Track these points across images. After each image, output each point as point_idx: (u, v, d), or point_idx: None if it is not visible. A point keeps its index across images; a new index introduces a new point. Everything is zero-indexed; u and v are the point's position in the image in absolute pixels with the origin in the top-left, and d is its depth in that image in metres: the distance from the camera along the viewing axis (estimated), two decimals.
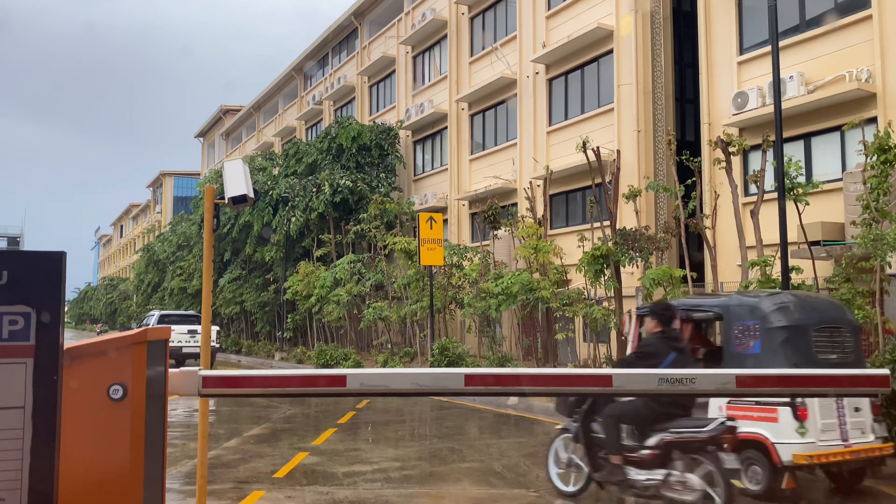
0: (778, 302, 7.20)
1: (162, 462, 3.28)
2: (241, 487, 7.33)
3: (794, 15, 15.33)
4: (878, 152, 10.29)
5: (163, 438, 3.31)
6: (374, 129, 28.57)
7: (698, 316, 7.74)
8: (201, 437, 4.70)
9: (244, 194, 4.48)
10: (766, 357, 6.88)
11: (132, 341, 3.24)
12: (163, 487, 3.33)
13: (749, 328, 7.05)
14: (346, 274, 24.23)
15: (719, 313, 7.46)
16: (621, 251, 14.81)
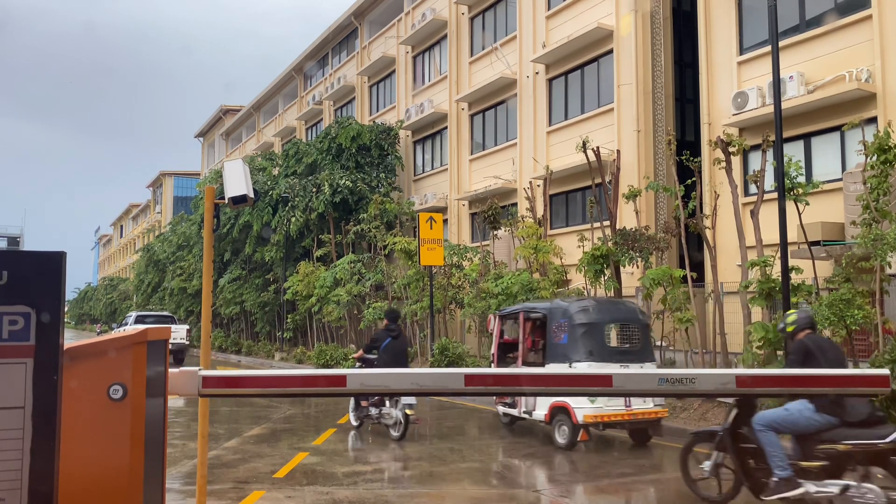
0: (581, 305, 9.88)
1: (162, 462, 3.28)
2: (241, 487, 7.33)
3: (794, 15, 15.33)
4: (878, 152, 10.28)
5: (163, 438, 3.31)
6: (373, 129, 28.57)
7: (533, 316, 10.66)
8: (201, 437, 4.71)
9: (244, 194, 4.48)
10: (571, 345, 9.51)
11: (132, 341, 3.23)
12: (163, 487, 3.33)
13: (561, 324, 9.73)
14: (346, 274, 24.23)
15: (545, 314, 10.20)
16: (621, 251, 14.81)
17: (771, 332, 10.27)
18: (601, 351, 9.49)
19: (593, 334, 9.55)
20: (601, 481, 7.80)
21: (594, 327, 9.60)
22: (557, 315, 9.91)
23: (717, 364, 12.94)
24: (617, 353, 9.76)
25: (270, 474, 7.90)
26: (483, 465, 8.43)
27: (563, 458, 9.10)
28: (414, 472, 8.10)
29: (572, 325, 9.63)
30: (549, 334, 9.95)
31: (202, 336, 4.86)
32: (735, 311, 13.23)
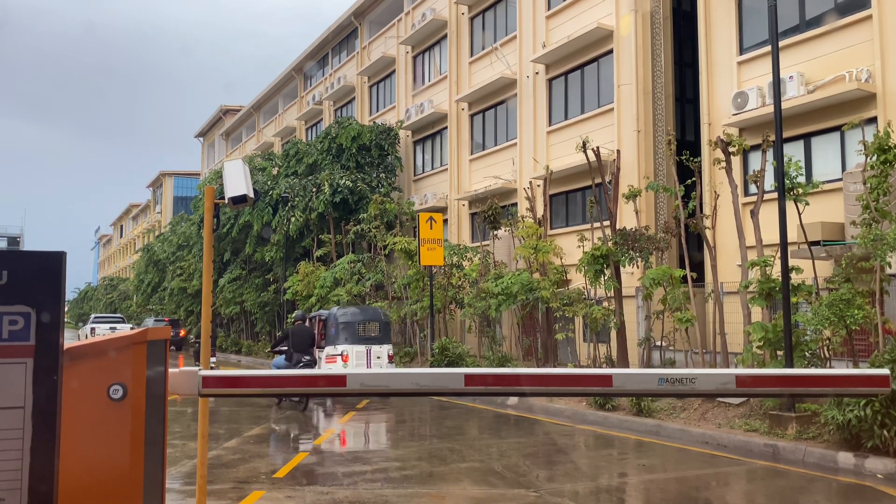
0: (342, 311, 16.19)
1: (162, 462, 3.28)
2: (241, 487, 7.33)
3: (794, 15, 15.33)
4: (878, 152, 10.28)
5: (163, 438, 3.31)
6: (374, 130, 28.57)
7: (322, 318, 16.59)
8: (201, 437, 4.71)
9: (244, 194, 4.48)
10: (337, 335, 15.50)
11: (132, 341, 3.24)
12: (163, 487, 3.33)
13: (332, 323, 15.83)
14: (346, 274, 24.23)
15: (326, 317, 16.31)
16: (621, 251, 14.81)
17: (771, 332, 10.28)
18: (354, 338, 15.87)
19: (349, 328, 15.96)
20: (601, 481, 7.80)
21: (350, 324, 16.03)
22: (331, 318, 16.31)
23: (717, 364, 12.94)
24: (364, 339, 16.04)
25: (270, 474, 7.90)
26: (483, 465, 8.43)
27: (564, 457, 9.10)
28: (414, 472, 8.10)
29: (337, 323, 15.99)
30: (328, 329, 16.23)
31: (202, 336, 4.86)
32: (735, 311, 13.23)
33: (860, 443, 8.12)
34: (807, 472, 8.08)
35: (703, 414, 10.86)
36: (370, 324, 16.31)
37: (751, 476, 8.09)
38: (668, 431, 10.50)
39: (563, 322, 16.25)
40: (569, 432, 11.00)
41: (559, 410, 12.77)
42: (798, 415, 9.35)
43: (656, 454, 9.33)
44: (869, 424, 7.93)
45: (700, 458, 8.93)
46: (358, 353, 15.83)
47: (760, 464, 8.51)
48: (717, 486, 7.77)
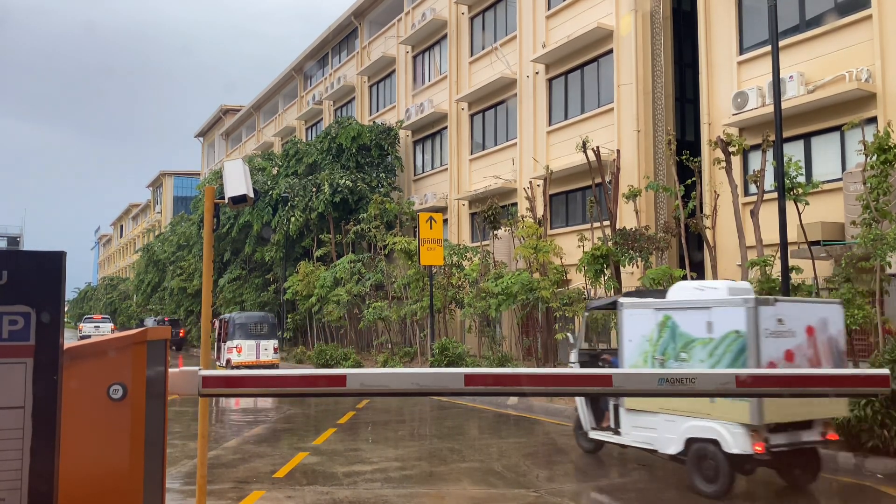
0: (239, 315, 23.56)
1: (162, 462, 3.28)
2: (241, 487, 7.33)
3: (794, 15, 15.33)
4: (878, 152, 10.28)
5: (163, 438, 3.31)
6: (373, 129, 28.57)
7: (225, 320, 23.11)
8: (201, 437, 4.70)
9: (244, 194, 4.48)
10: (235, 333, 22.25)
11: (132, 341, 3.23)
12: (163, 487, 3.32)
13: (231, 324, 22.48)
14: (346, 274, 24.22)
15: (227, 320, 22.83)
16: (621, 251, 14.81)
17: None
18: (247, 335, 22.20)
19: (244, 328, 22.36)
20: (601, 481, 7.80)
21: (244, 325, 22.47)
22: (231, 321, 22.72)
23: None
24: (255, 335, 22.31)
25: (270, 474, 7.90)
26: (483, 465, 8.43)
27: (563, 457, 9.10)
28: (414, 472, 8.10)
29: (235, 325, 22.41)
30: (229, 328, 22.37)
31: (202, 336, 4.86)
32: None
33: (860, 443, 8.11)
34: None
35: None
36: (260, 325, 22.84)
37: (750, 476, 8.08)
38: None
39: (563, 322, 16.25)
40: (569, 432, 10.98)
41: (559, 410, 12.76)
42: None
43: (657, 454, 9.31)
44: (869, 424, 7.92)
45: None
46: (249, 346, 22.27)
47: None
48: None
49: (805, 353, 7.10)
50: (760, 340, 6.79)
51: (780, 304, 7.14)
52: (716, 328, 7.10)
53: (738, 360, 6.92)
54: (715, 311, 7.20)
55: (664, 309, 7.79)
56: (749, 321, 6.85)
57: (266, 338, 22.36)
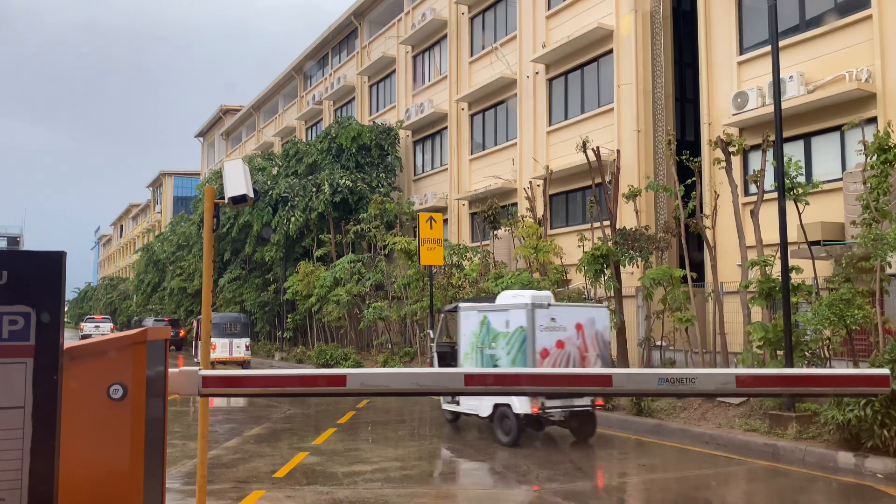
0: (216, 315, 25.87)
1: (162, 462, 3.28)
2: (241, 487, 7.33)
3: (794, 15, 15.32)
4: (878, 152, 10.28)
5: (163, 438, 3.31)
6: (373, 129, 28.56)
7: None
8: (201, 437, 4.70)
9: (244, 194, 4.48)
10: (215, 332, 23.83)
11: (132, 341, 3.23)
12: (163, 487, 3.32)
13: None
14: (346, 274, 24.22)
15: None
16: (621, 251, 14.80)
17: (771, 332, 10.28)
18: (223, 334, 24.37)
19: (218, 327, 24.19)
20: (601, 481, 7.80)
21: (219, 325, 24.31)
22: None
23: (716, 364, 12.94)
24: (229, 334, 24.58)
25: (270, 474, 7.90)
26: (483, 464, 8.43)
27: (563, 457, 9.10)
28: (414, 471, 8.10)
29: (215, 325, 23.72)
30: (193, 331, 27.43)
31: (202, 336, 4.86)
32: (735, 311, 13.23)
33: (860, 442, 8.12)
34: (807, 471, 8.08)
35: (703, 414, 10.86)
36: (233, 324, 25.34)
37: (751, 476, 8.09)
38: (669, 431, 10.50)
39: None
40: (568, 432, 10.99)
41: None
42: (798, 415, 9.35)
43: (656, 454, 9.33)
44: (869, 424, 7.93)
45: (700, 458, 8.93)
46: (223, 344, 24.50)
47: (760, 463, 8.51)
48: (717, 486, 7.77)
49: (574, 343, 9.91)
50: (536, 333, 9.56)
51: (553, 308, 9.88)
52: (511, 325, 9.92)
53: (523, 347, 9.75)
54: (510, 313, 9.99)
55: (483, 311, 10.54)
56: (528, 320, 9.63)
57: (238, 336, 25.14)
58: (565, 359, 9.91)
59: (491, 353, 10.27)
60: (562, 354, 9.86)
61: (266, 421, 12.98)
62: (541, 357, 9.78)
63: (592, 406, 10.00)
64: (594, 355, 10.11)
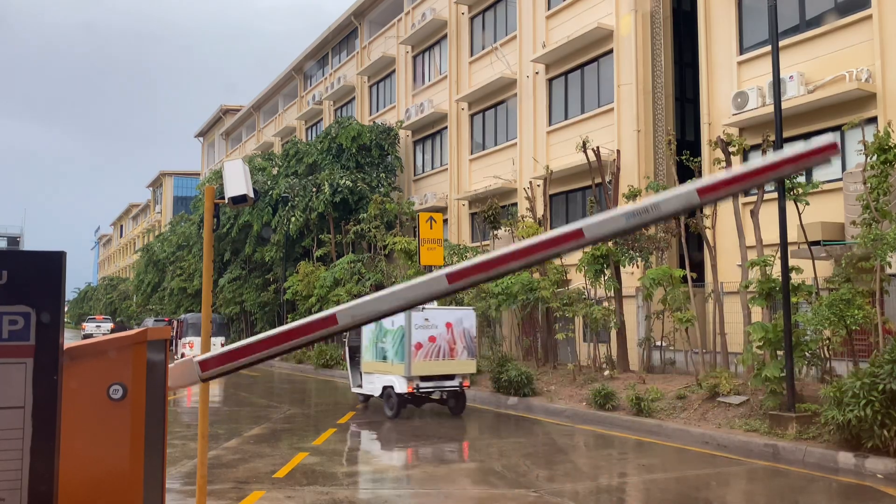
0: (192, 315, 28.98)
1: (162, 462, 3.27)
2: (240, 487, 7.33)
3: (794, 15, 15.32)
4: (878, 152, 10.27)
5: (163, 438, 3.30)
6: (374, 129, 28.55)
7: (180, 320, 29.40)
8: (201, 437, 4.70)
9: (244, 194, 4.48)
10: (186, 331, 27.94)
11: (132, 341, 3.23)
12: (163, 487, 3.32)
13: (186, 324, 28.43)
14: (346, 274, 24.22)
15: (183, 319, 28.89)
16: (621, 251, 14.81)
17: (771, 332, 10.27)
18: (198, 332, 22.95)
19: (195, 326, 26.51)
20: (601, 481, 7.80)
21: (195, 324, 26.45)
22: (185, 321, 28.03)
23: (717, 364, 12.94)
24: (195, 330, 26.13)
25: (270, 474, 7.90)
26: (483, 465, 8.43)
27: (564, 457, 9.10)
28: (414, 472, 8.09)
29: (188, 324, 27.59)
30: (183, 327, 27.69)
31: (202, 335, 4.86)
32: (735, 311, 13.23)
33: (860, 443, 8.12)
34: (807, 472, 8.08)
35: (703, 414, 10.85)
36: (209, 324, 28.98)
37: (751, 476, 8.09)
38: (668, 431, 10.50)
39: (563, 322, 16.25)
40: (569, 432, 11.00)
41: (559, 410, 12.76)
42: (798, 415, 9.35)
43: (656, 454, 9.33)
44: (869, 424, 7.93)
45: (700, 459, 8.93)
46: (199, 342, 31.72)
47: (760, 464, 8.51)
48: (717, 487, 7.77)
49: (445, 337, 12.50)
50: (412, 331, 12.14)
51: (426, 310, 12.29)
52: (395, 324, 12.42)
53: (402, 341, 12.27)
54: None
55: None
56: (406, 320, 12.09)
57: (215, 335, 27.71)
58: (436, 350, 12.45)
59: (381, 346, 12.96)
60: (433, 347, 12.42)
61: (266, 421, 12.97)
62: (415, 349, 12.31)
63: (461, 386, 12.66)
64: (461, 347, 12.68)
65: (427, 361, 12.34)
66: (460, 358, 12.73)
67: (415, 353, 12.22)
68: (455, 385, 12.58)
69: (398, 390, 12.25)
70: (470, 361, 12.88)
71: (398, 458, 8.83)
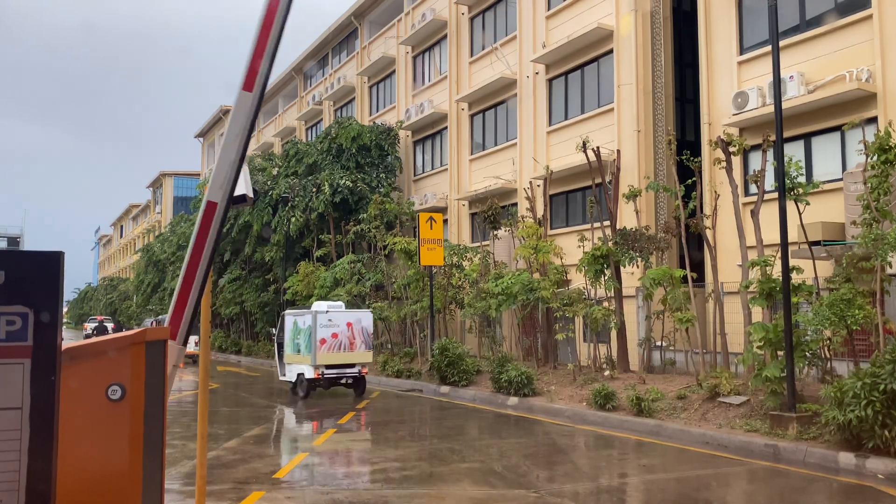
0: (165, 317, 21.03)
1: (161, 462, 3.26)
2: (240, 488, 7.32)
3: (794, 15, 15.31)
4: (879, 152, 10.26)
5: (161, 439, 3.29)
6: (374, 130, 28.54)
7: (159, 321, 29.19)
8: (200, 437, 4.69)
9: (243, 194, 4.45)
10: None
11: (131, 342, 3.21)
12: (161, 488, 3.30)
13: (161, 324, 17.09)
14: (346, 274, 24.20)
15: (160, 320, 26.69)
16: (621, 251, 14.79)
17: (772, 332, 10.26)
18: None
19: None
20: (601, 482, 7.79)
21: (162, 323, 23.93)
22: (161, 321, 22.32)
23: (717, 365, 12.93)
24: None
25: (270, 475, 7.89)
26: (483, 465, 8.42)
27: (564, 458, 9.09)
28: (414, 472, 8.08)
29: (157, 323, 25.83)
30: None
31: (202, 336, 4.85)
32: (735, 311, 13.21)
33: (861, 443, 8.11)
34: (808, 472, 8.07)
35: (703, 414, 10.84)
36: None
37: (751, 477, 8.08)
38: (669, 432, 10.49)
39: (563, 322, 16.23)
40: (569, 432, 10.99)
41: (559, 410, 12.75)
42: (799, 415, 9.33)
43: (657, 455, 9.31)
44: (870, 425, 7.91)
45: (700, 459, 8.92)
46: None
47: (761, 464, 8.50)
48: (717, 487, 7.76)
49: (346, 334, 15.65)
50: (318, 329, 15.28)
51: (330, 313, 15.65)
52: (306, 324, 15.66)
53: (310, 337, 15.33)
54: (305, 316, 15.78)
55: (294, 316, 16.45)
56: (314, 321, 15.32)
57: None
58: (338, 345, 15.58)
59: (297, 342, 15.99)
60: (336, 342, 15.56)
61: (266, 421, 12.96)
62: (320, 344, 15.36)
63: (360, 373, 15.75)
64: (360, 341, 15.90)
65: (330, 353, 15.41)
66: (359, 350, 15.82)
67: (320, 347, 15.30)
68: (355, 372, 15.70)
69: (308, 376, 15.44)
70: (367, 353, 16.01)
71: (398, 459, 8.81)
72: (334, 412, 13.58)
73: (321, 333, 15.36)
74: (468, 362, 16.78)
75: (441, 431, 11.44)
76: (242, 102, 3.63)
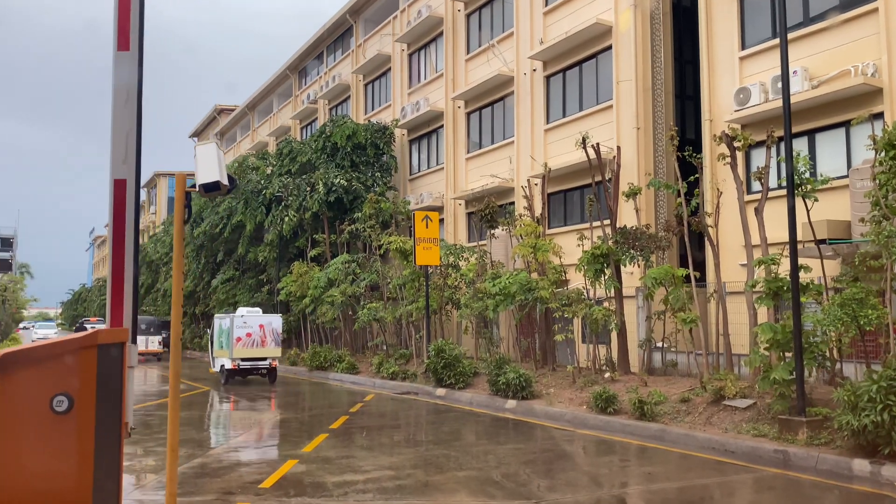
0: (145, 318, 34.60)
1: (117, 476, 2.89)
2: (224, 499, 6.93)
3: (798, 9, 14.99)
4: (888, 148, 9.92)
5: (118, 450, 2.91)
6: (369, 128, 28.17)
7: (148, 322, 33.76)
8: (170, 450, 4.32)
9: (216, 181, 4.09)
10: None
11: (80, 345, 2.86)
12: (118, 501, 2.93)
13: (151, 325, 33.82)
14: (341, 274, 23.82)
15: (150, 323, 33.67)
16: (622, 250, 14.46)
17: (780, 333, 9.91)
18: (140, 332, 28.02)
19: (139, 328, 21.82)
20: (603, 491, 7.42)
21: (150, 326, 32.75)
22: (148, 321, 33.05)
23: (720, 366, 12.58)
24: (144, 332, 31.11)
25: (256, 484, 7.50)
26: (481, 473, 8.04)
27: (565, 465, 8.73)
28: (408, 481, 7.70)
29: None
30: None
31: (171, 338, 4.48)
32: (738, 312, 12.88)
33: (876, 449, 7.76)
34: (820, 479, 7.72)
35: (708, 418, 10.48)
36: (149, 326, 32.29)
37: (762, 485, 7.72)
38: (673, 436, 10.14)
39: (562, 323, 15.86)
40: (569, 437, 10.62)
41: (559, 414, 12.39)
42: (809, 419, 8.98)
43: (661, 461, 8.95)
44: (886, 430, 7.56)
45: (706, 465, 8.56)
46: (141, 340, 28.49)
47: (771, 471, 8.14)
48: (725, 496, 7.40)
49: (258, 333, 19.33)
50: (234, 330, 19.10)
51: (246, 316, 19.61)
52: (225, 326, 19.60)
53: (230, 338, 19.15)
54: (226, 319, 19.79)
55: (219, 319, 20.29)
56: (231, 323, 19.27)
57: (153, 334, 32.42)
58: (251, 342, 19.26)
59: (221, 340, 19.90)
60: (249, 340, 19.26)
61: (255, 426, 12.57)
62: (236, 341, 19.09)
63: (270, 365, 19.61)
64: (270, 339, 19.56)
65: (244, 349, 19.21)
66: (269, 347, 19.58)
67: (236, 343, 19.14)
68: (266, 364, 19.67)
69: (227, 367, 19.33)
70: (276, 349, 19.86)
71: (392, 466, 8.43)
72: (326, 416, 13.18)
73: (237, 332, 19.18)
74: (465, 364, 16.41)
75: (437, 436, 11.06)
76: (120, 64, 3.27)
